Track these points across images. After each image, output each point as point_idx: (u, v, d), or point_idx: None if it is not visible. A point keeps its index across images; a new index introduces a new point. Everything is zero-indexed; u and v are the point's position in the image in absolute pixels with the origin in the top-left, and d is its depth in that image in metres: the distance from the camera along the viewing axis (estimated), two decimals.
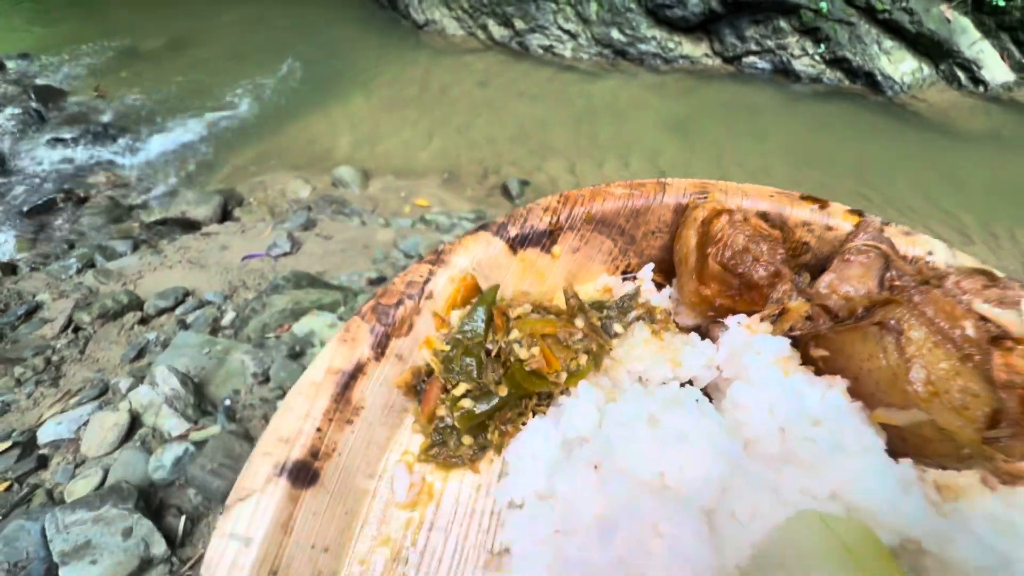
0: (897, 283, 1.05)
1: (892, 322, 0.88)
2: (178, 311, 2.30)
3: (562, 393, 0.90)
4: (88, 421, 1.84)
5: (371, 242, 3.29)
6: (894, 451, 0.87)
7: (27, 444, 1.73)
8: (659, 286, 1.18)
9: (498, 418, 0.90)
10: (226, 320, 2.56)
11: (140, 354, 2.07)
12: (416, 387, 0.99)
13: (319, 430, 0.85)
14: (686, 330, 1.10)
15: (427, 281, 1.01)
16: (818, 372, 0.96)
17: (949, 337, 0.90)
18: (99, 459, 1.75)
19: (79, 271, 2.56)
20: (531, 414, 0.92)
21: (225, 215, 3.51)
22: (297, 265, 2.93)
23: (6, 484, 1.59)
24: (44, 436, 1.77)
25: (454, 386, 0.92)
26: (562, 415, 0.86)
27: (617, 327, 0.94)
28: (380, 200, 4.41)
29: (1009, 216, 3.97)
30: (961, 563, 0.75)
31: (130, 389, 1.99)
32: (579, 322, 0.90)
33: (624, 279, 1.22)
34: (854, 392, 0.90)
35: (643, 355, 0.92)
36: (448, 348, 0.96)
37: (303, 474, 0.83)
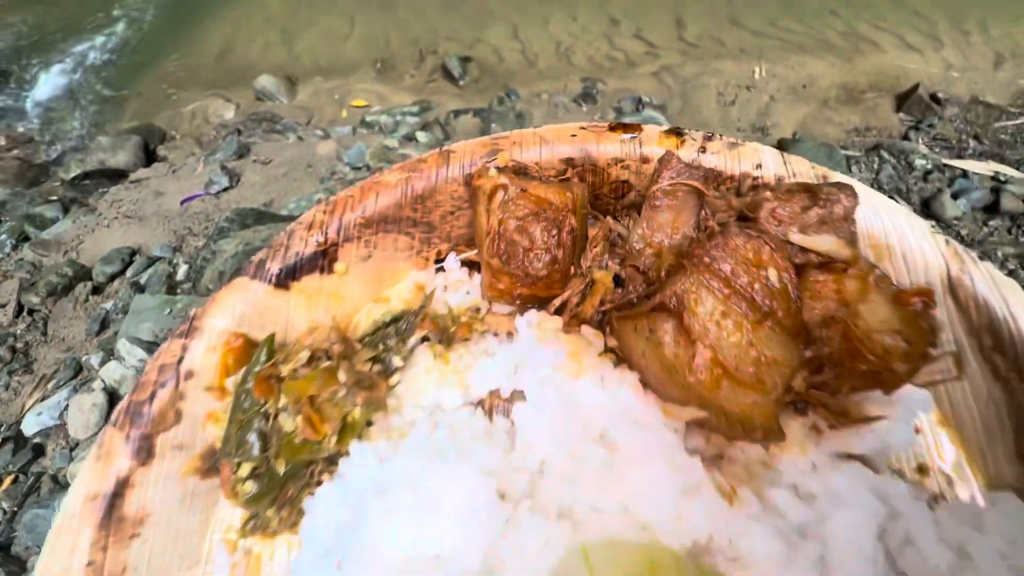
0: (711, 223, 0.90)
1: (673, 302, 0.75)
2: (128, 273, 2.25)
3: (342, 455, 0.82)
4: (67, 406, 1.89)
5: (313, 159, 3.06)
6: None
7: (17, 437, 1.83)
8: (476, 265, 1.04)
9: (287, 492, 0.84)
10: (180, 274, 2.44)
11: (103, 326, 2.08)
12: (212, 467, 0.92)
13: (91, 563, 0.80)
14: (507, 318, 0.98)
15: (181, 360, 0.89)
16: (620, 360, 0.86)
17: (745, 296, 0.78)
18: (90, 439, 1.83)
19: (14, 247, 2.46)
20: (319, 479, 0.85)
21: (149, 156, 3.24)
22: (240, 200, 2.75)
23: (12, 477, 1.74)
24: (29, 428, 1.84)
25: (238, 467, 0.84)
26: (343, 480, 0.79)
27: (396, 360, 0.84)
28: (313, 108, 4.01)
29: (980, 7, 3.45)
30: (749, 553, 0.71)
31: (102, 364, 1.99)
32: (342, 375, 0.79)
33: (438, 269, 1.08)
34: (644, 382, 0.80)
35: (427, 385, 0.83)
36: (226, 425, 0.87)
37: None
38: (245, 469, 0.87)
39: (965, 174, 2.11)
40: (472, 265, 1.05)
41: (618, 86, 3.58)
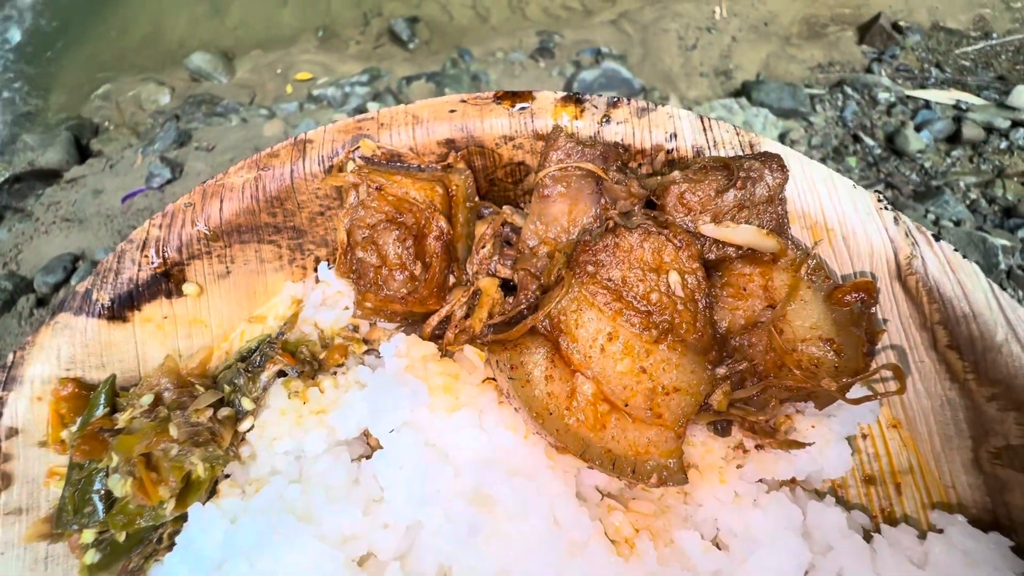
0: (612, 213, 0.73)
1: (545, 326, 0.60)
2: (73, 282, 2.11)
3: (183, 520, 0.69)
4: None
5: (260, 141, 2.84)
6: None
7: None
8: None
9: (131, 563, 0.71)
10: None
11: None
12: (61, 534, 0.79)
13: None
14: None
15: None
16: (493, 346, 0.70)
17: (639, 310, 0.62)
18: None
19: None
20: (171, 543, 0.72)
21: (82, 152, 3.01)
22: (186, 192, 2.58)
23: None
24: None
25: (81, 534, 0.72)
26: (186, 549, 0.66)
27: (246, 403, 0.69)
28: (255, 85, 3.70)
29: None
30: None
31: None
32: (173, 430, 0.64)
33: (317, 280, 0.92)
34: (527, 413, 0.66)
35: (282, 430, 0.68)
36: (64, 487, 0.74)
37: None
38: (88, 535, 0.74)
39: (928, 104, 1.97)
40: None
41: (576, 37, 3.28)
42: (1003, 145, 1.88)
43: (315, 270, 0.93)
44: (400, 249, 0.67)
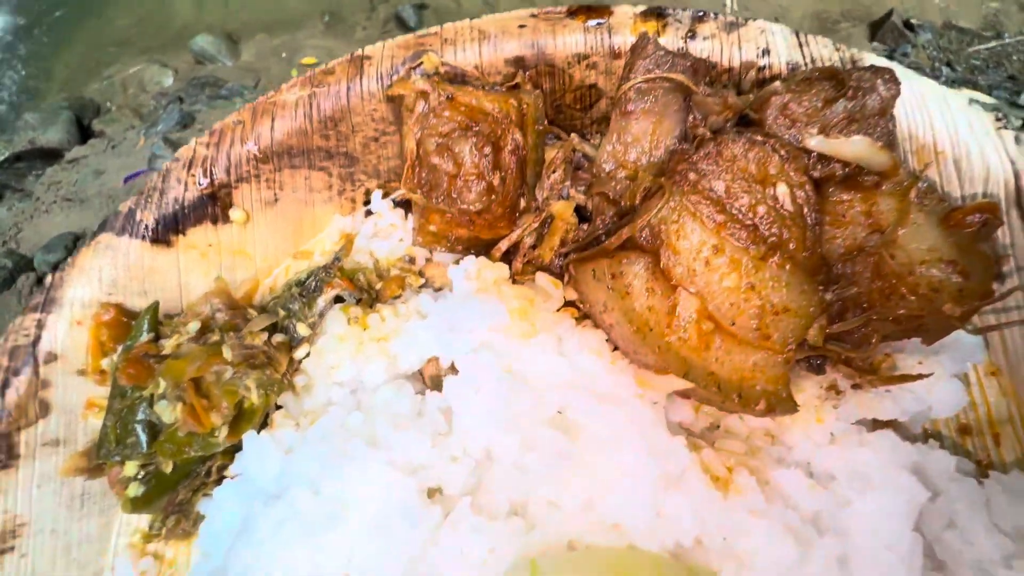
0: (702, 131, 0.67)
1: (645, 236, 0.54)
2: None
3: (237, 451, 0.64)
4: None
5: None
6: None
7: None
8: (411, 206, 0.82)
9: (178, 495, 0.67)
10: None
11: None
12: (99, 467, 0.75)
13: None
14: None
15: (37, 341, 0.70)
16: (584, 317, 0.65)
17: (745, 224, 0.56)
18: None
19: None
20: (220, 476, 0.68)
21: (84, 132, 2.94)
22: None
23: None
24: None
25: (122, 466, 0.67)
26: (239, 481, 0.62)
27: (301, 329, 0.64)
28: (260, 69, 3.60)
29: None
30: (749, 554, 0.54)
31: None
32: (227, 352, 0.60)
33: (367, 213, 0.87)
34: (616, 345, 0.60)
35: (341, 358, 0.64)
36: (105, 416, 0.69)
37: None
38: (131, 467, 0.70)
39: None
40: (407, 206, 0.84)
41: None
42: None
43: (365, 204, 0.88)
44: (478, 157, 0.61)
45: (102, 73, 3.72)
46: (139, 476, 0.70)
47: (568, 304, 0.67)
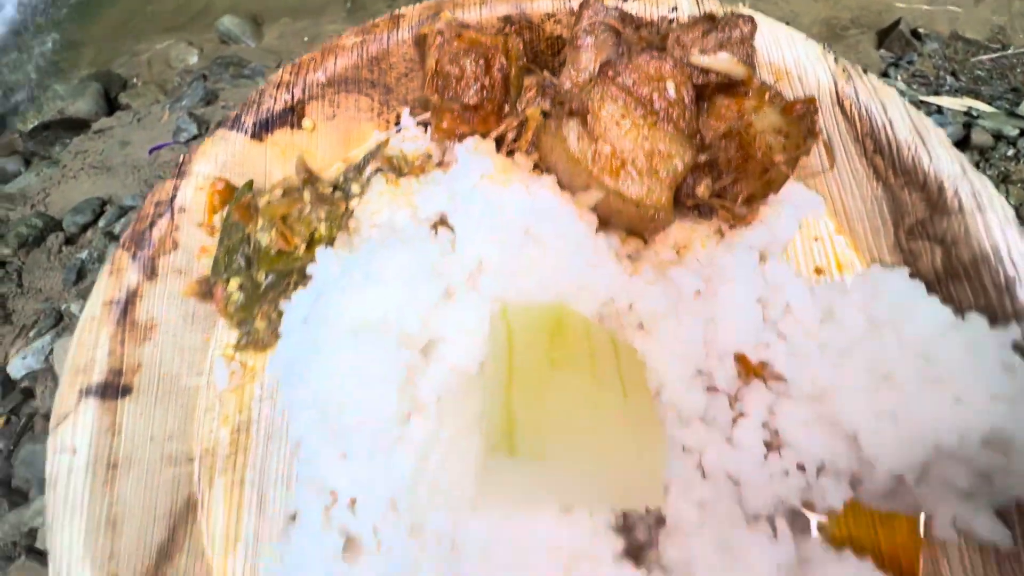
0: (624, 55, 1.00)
1: (577, 105, 0.87)
2: (101, 224, 2.32)
3: (310, 264, 0.97)
4: (52, 349, 1.97)
5: None
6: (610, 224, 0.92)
7: (4, 382, 1.91)
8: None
9: (268, 300, 0.99)
10: None
11: (80, 276, 2.16)
12: (208, 292, 1.07)
13: (112, 353, 0.97)
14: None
15: (173, 198, 1.05)
16: (542, 172, 0.98)
17: (644, 103, 0.89)
18: None
19: None
20: (295, 289, 1.00)
21: (111, 105, 3.21)
22: None
23: (3, 419, 1.80)
24: (16, 371, 1.90)
25: (227, 283, 1.00)
26: (311, 282, 0.94)
27: (354, 187, 0.98)
28: (282, 51, 3.87)
29: None
30: (647, 313, 0.85)
31: (82, 311, 2.10)
32: (307, 195, 0.93)
33: (398, 130, 1.20)
34: (562, 184, 0.93)
35: (380, 207, 0.97)
36: (215, 252, 1.02)
37: (111, 390, 0.98)
38: (234, 284, 1.03)
39: (940, 110, 2.14)
40: (427, 126, 1.17)
41: None
42: (1010, 152, 1.99)
43: (396, 124, 1.22)
44: (475, 67, 0.96)
45: (129, 49, 4.02)
46: (240, 287, 1.03)
47: (534, 168, 1.00)
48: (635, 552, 0.85)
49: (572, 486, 0.76)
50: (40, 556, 1.33)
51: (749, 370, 1.00)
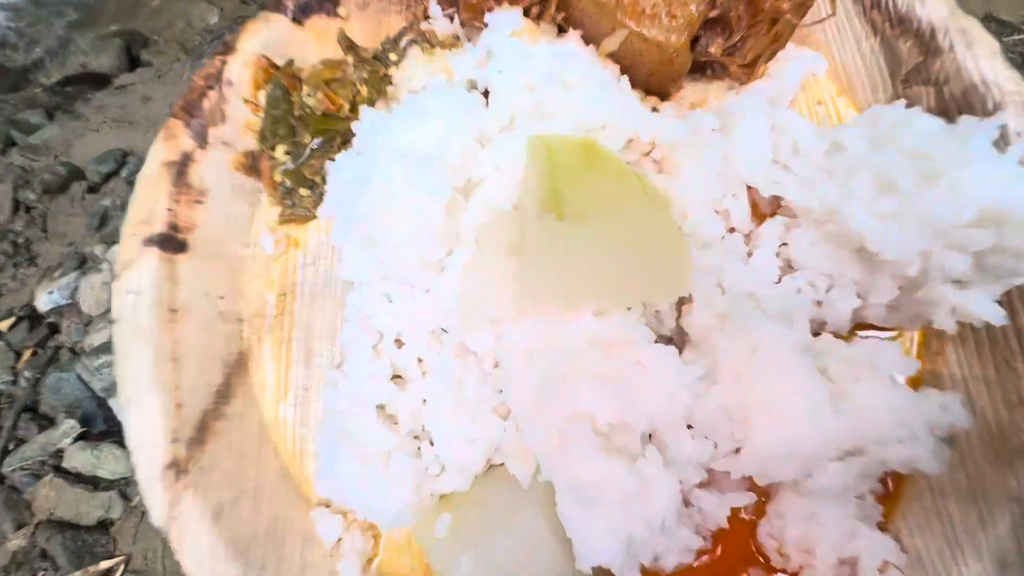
0: None
1: None
2: (123, 173, 2.38)
3: (356, 121, 1.05)
4: (78, 287, 2.02)
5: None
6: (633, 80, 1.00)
7: (32, 316, 1.97)
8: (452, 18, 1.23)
9: (315, 163, 1.07)
10: None
11: (103, 222, 2.21)
12: (253, 166, 1.15)
13: (170, 210, 1.05)
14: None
15: (221, 72, 1.13)
16: (561, 31, 1.06)
17: None
18: (103, 315, 2.02)
19: (2, 152, 2.56)
20: (340, 151, 1.08)
21: (132, 62, 3.24)
22: None
23: (31, 351, 1.88)
24: (43, 305, 1.96)
25: (274, 151, 1.08)
26: (356, 140, 1.02)
27: (392, 56, 1.05)
28: None
29: None
30: (668, 146, 0.93)
31: (105, 252, 2.16)
32: (349, 58, 1.00)
33: (427, 20, 1.28)
34: (587, 39, 1.01)
35: (416, 72, 1.05)
36: (261, 123, 1.10)
37: (170, 243, 1.06)
38: (280, 151, 1.10)
39: None
40: (454, 17, 1.25)
41: None
42: None
43: (425, 17, 1.29)
44: None
45: (151, 6, 3.96)
46: (286, 152, 1.10)
47: (559, 34, 1.08)
48: (665, 342, 0.93)
49: (608, 270, 0.83)
50: (66, 474, 1.40)
51: (761, 212, 1.09)
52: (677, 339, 0.97)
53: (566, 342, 0.90)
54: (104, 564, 1.24)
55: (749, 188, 1.04)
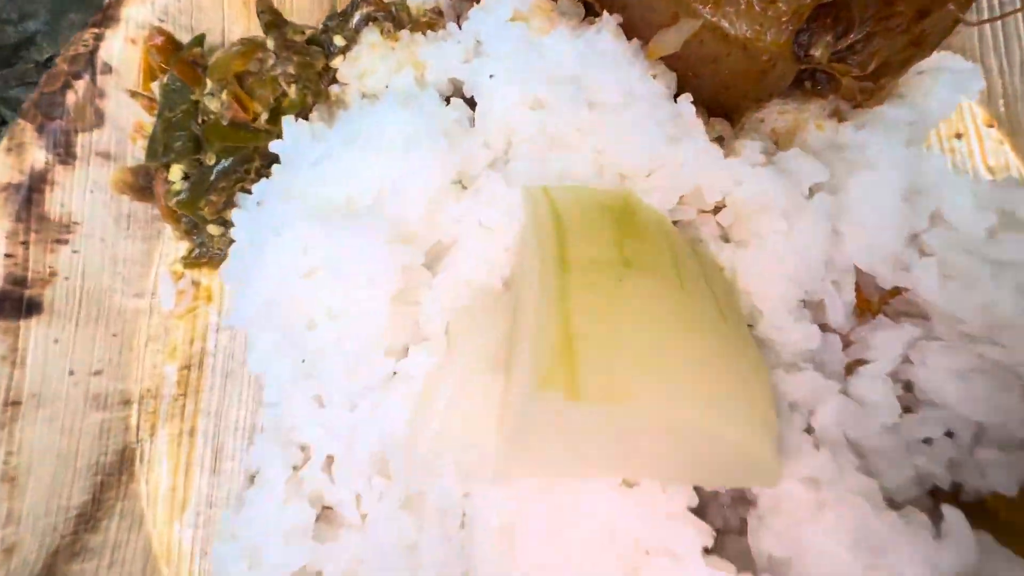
0: None
1: None
2: None
3: (277, 138, 0.70)
4: None
5: None
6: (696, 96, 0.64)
7: None
8: None
9: (217, 197, 0.73)
10: None
11: None
12: (146, 186, 0.82)
13: (8, 256, 0.71)
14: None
15: (94, 51, 0.77)
16: (591, 13, 0.70)
17: None
18: None
19: None
20: (255, 177, 0.75)
21: None
22: None
23: None
24: None
25: (168, 171, 0.74)
26: (279, 168, 0.68)
27: (337, 40, 0.70)
28: None
29: None
30: (744, 202, 0.59)
31: None
32: (270, 42, 0.65)
33: None
34: (629, 30, 0.65)
35: (372, 64, 0.70)
36: (152, 129, 0.76)
37: (9, 305, 0.72)
38: (175, 171, 0.77)
39: None
40: None
41: None
42: None
43: None
44: None
45: None
46: (184, 176, 0.76)
47: (587, 17, 0.72)
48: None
49: (647, 447, 0.51)
50: None
51: (867, 306, 0.75)
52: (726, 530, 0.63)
53: (573, 523, 0.58)
54: None
55: (859, 271, 0.71)
